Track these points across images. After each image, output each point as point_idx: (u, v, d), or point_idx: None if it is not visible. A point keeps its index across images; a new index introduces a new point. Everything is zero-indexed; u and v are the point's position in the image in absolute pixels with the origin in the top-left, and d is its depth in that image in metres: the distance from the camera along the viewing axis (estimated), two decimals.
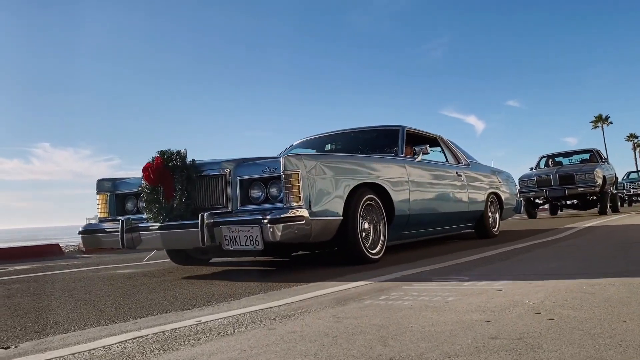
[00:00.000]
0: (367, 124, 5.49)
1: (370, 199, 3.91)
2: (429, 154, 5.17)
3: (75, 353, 1.57)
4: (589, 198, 12.15)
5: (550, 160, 13.55)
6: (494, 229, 6.29)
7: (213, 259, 4.67)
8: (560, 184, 11.54)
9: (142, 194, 3.59)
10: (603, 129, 59.55)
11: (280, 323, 1.85)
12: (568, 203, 13.42)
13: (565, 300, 1.93)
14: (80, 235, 3.93)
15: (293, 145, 5.71)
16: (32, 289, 3.41)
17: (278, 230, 3.05)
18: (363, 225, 3.84)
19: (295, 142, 5.80)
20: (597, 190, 11.20)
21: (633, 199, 21.65)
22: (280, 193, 3.28)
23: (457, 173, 5.50)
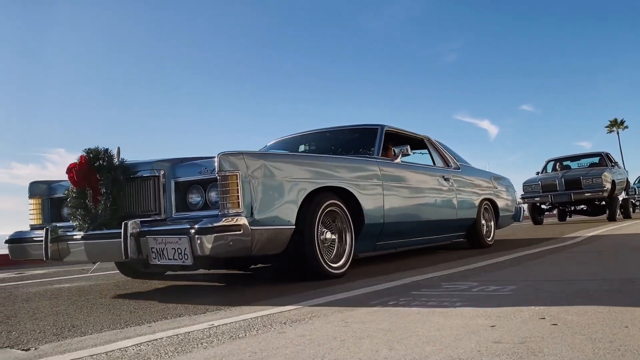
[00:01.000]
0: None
1: (334, 205, 3.44)
2: (410, 156, 4.73)
3: (93, 355, 1.62)
4: (598, 203, 11.55)
5: (558, 164, 12.98)
6: (488, 238, 5.77)
7: (172, 272, 4.20)
8: (566, 189, 10.96)
9: (68, 199, 3.15)
10: (618, 133, 58.41)
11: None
12: (577, 209, 12.80)
13: (570, 307, 1.94)
14: (7, 245, 3.50)
15: (267, 146, 5.27)
16: (49, 293, 3.44)
17: (207, 242, 2.59)
18: (325, 235, 3.38)
19: (270, 142, 5.35)
20: (605, 196, 10.60)
21: None
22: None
23: (443, 177, 5.00)
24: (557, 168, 12.82)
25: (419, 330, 1.69)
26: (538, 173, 12.78)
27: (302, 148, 4.93)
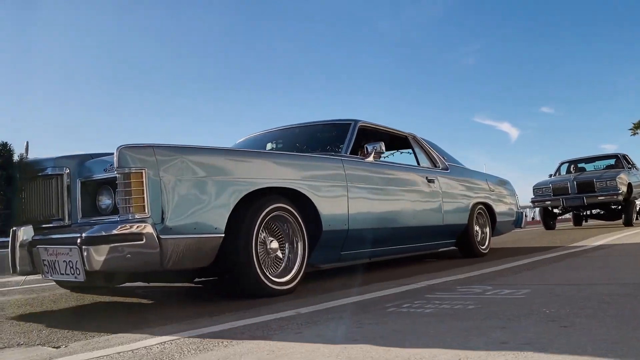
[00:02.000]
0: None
1: (281, 209, 2.95)
2: (393, 156, 4.22)
3: (120, 352, 1.66)
4: (614, 207, 10.85)
5: (572, 166, 12.29)
6: (482, 247, 5.20)
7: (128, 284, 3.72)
8: (579, 192, 10.27)
9: None
10: None
11: None
12: (593, 213, 12.08)
13: (582, 309, 1.93)
14: None
15: (237, 143, 4.81)
16: (75, 295, 3.42)
17: (98, 255, 2.13)
18: (269, 245, 2.90)
19: (240, 139, 4.89)
20: (620, 199, 9.91)
21: None
22: None
23: (427, 178, 4.47)
24: (571, 170, 12.15)
25: None
26: (551, 175, 12.13)
27: (269, 146, 4.46)
